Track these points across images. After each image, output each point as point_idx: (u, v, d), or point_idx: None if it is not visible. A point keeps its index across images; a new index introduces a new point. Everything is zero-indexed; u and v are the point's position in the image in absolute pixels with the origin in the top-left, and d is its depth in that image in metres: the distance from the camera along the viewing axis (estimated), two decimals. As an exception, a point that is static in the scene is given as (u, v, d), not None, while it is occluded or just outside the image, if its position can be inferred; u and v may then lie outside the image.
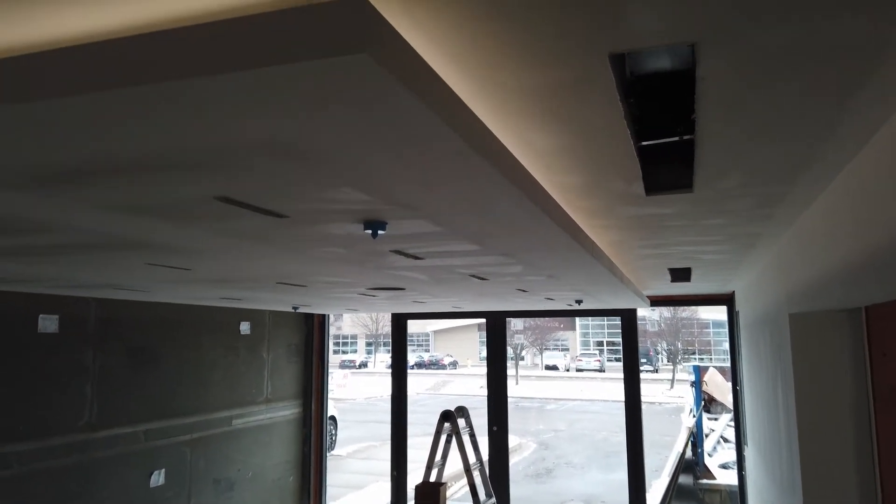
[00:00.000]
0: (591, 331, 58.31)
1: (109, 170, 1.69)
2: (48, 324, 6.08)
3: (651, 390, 30.70)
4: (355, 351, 61.99)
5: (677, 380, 36.23)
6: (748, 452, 7.73)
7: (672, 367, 39.57)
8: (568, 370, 46.86)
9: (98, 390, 6.39)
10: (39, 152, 1.48)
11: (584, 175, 2.50)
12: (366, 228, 2.42)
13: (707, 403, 15.77)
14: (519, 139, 2.03)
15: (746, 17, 1.30)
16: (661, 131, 2.10)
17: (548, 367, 47.87)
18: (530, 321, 45.61)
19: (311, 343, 9.97)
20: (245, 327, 8.67)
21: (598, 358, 47.72)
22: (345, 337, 63.50)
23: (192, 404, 7.58)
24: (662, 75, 1.68)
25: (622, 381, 8.75)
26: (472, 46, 1.42)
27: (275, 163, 1.58)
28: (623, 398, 8.68)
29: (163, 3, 1.23)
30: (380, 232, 2.42)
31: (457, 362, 50.75)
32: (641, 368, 8.94)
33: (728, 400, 16.04)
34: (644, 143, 2.18)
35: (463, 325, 52.66)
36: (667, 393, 32.35)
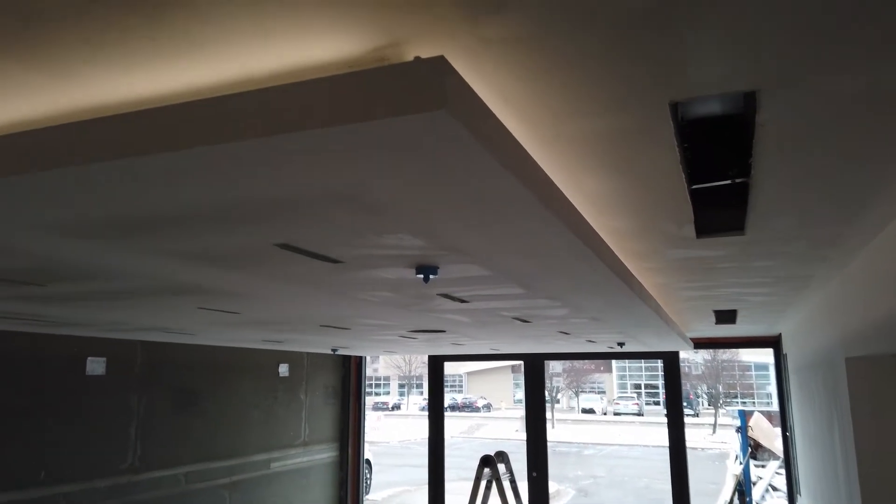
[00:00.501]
0: (628, 373, 57.07)
1: (179, 220, 1.75)
2: (96, 366, 6.21)
3: (692, 435, 29.70)
4: (388, 393, 61.63)
5: (719, 424, 35.08)
6: (801, 502, 7.40)
7: (713, 411, 38.38)
8: (605, 413, 45.76)
9: (142, 432, 6.46)
10: (120, 205, 1.55)
11: (635, 218, 2.50)
12: (417, 273, 2.44)
13: (753, 450, 15.20)
14: (572, 183, 2.05)
15: (809, 65, 1.31)
16: (715, 174, 2.10)
17: (584, 411, 46.84)
18: (567, 363, 44.93)
19: (347, 385, 9.96)
20: (284, 369, 8.72)
21: (637, 401, 46.54)
22: (377, 378, 63.28)
23: (232, 447, 7.61)
24: (719, 120, 1.69)
25: (663, 425, 8.52)
26: (533, 97, 1.45)
27: (340, 213, 1.62)
28: (665, 443, 8.43)
29: (240, 65, 1.30)
30: (431, 276, 2.45)
31: (491, 405, 50.04)
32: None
33: (775, 446, 15.45)
34: (697, 186, 2.18)
35: (496, 366, 52.11)
36: (709, 438, 31.30)
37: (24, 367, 5.49)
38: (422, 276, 2.44)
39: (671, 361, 8.54)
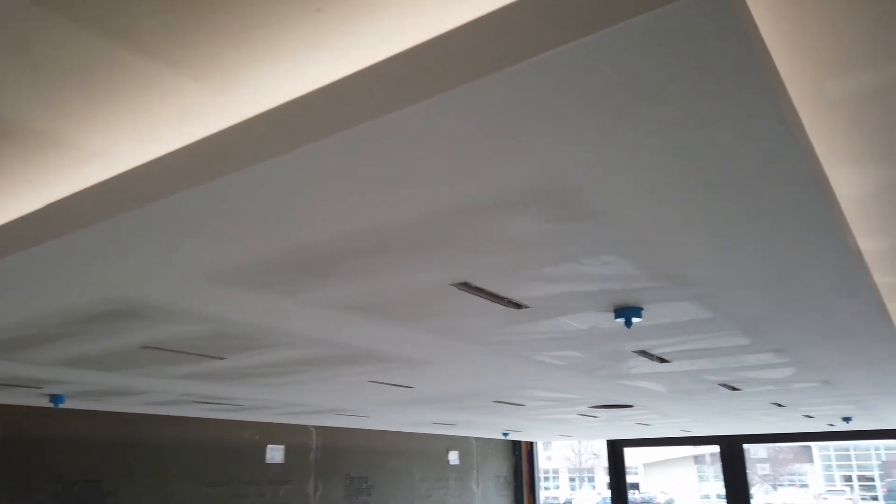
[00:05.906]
0: (834, 463, 49.54)
1: (353, 253, 1.54)
2: (275, 454, 6.27)
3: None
4: (558, 487, 58.44)
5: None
6: None
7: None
8: (812, 511, 39.68)
9: (318, 521, 6.35)
10: (286, 234, 1.36)
11: (899, 232, 1.94)
12: (617, 317, 2.04)
13: None
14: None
15: None
16: None
17: (785, 508, 40.97)
18: (770, 449, 40.07)
19: (519, 475, 9.36)
20: (454, 457, 8.35)
21: (851, 496, 39.98)
22: (545, 471, 60.43)
23: (406, 540, 7.27)
24: None
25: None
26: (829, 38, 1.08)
27: (532, 224, 1.31)
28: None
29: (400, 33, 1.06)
30: (634, 320, 2.03)
31: (673, 501, 45.47)
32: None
33: None
34: None
35: (676, 456, 47.69)
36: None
37: (211, 455, 5.64)
38: (622, 319, 2.03)
39: (911, 442, 7.02)
